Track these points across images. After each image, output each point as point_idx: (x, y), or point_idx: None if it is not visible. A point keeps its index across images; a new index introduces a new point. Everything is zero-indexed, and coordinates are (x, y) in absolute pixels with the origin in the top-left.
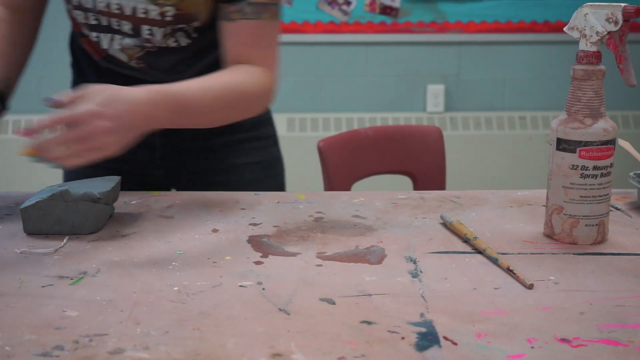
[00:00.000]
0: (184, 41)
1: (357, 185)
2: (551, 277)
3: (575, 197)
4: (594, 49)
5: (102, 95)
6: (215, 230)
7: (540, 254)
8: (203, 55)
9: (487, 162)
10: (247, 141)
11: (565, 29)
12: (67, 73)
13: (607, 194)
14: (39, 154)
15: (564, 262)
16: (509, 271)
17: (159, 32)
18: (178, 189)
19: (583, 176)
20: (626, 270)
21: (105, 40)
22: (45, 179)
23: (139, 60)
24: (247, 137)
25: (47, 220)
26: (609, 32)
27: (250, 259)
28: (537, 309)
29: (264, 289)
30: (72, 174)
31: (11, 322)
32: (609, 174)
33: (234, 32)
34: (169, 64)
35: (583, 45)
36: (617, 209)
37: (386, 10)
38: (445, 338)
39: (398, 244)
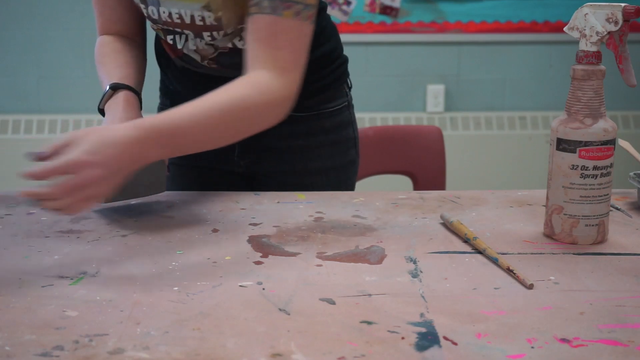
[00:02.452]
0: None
1: (357, 185)
2: (551, 277)
3: (575, 197)
4: (594, 49)
5: (88, 142)
6: (215, 230)
7: (540, 254)
8: None
9: (487, 162)
10: (325, 145)
11: (565, 29)
12: (67, 73)
13: (607, 194)
14: (38, 201)
15: (564, 262)
16: (509, 271)
17: (219, 36)
18: (255, 190)
19: (583, 176)
20: (626, 270)
21: (180, 42)
22: None
23: (211, 61)
24: (326, 140)
25: (127, 186)
26: (609, 32)
27: (250, 259)
28: (537, 309)
29: (264, 289)
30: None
31: (11, 322)
32: (609, 174)
33: (250, 28)
34: (240, 62)
35: (583, 45)
36: (617, 209)
37: (386, 10)
38: (445, 338)
39: (398, 244)
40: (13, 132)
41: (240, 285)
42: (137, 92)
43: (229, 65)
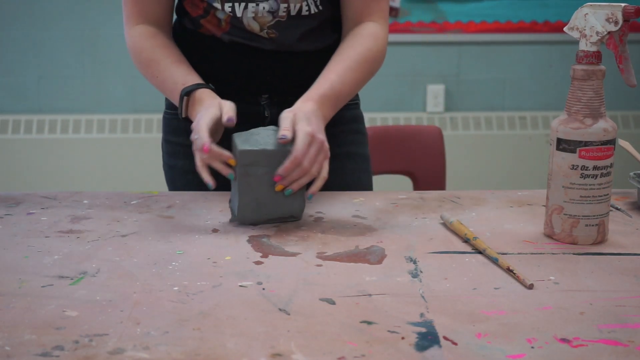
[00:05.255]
0: (312, 8)
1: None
2: (551, 277)
3: (575, 197)
4: (594, 49)
5: (307, 117)
6: (215, 230)
7: (540, 254)
8: (327, 32)
9: (487, 162)
10: (349, 133)
11: (565, 29)
12: (67, 73)
13: (607, 194)
14: (288, 187)
15: (564, 262)
16: (509, 271)
17: None
18: None
19: (583, 176)
20: (626, 270)
21: (239, 10)
22: (45, 179)
23: (270, 30)
24: (348, 129)
25: (267, 210)
26: (609, 32)
27: (250, 259)
28: (537, 309)
29: (264, 289)
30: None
31: (11, 322)
32: (609, 174)
33: None
34: (297, 34)
35: (583, 45)
36: (617, 209)
37: None
38: (445, 338)
39: (398, 244)
40: (13, 132)
41: (240, 285)
42: (208, 85)
43: (286, 36)
